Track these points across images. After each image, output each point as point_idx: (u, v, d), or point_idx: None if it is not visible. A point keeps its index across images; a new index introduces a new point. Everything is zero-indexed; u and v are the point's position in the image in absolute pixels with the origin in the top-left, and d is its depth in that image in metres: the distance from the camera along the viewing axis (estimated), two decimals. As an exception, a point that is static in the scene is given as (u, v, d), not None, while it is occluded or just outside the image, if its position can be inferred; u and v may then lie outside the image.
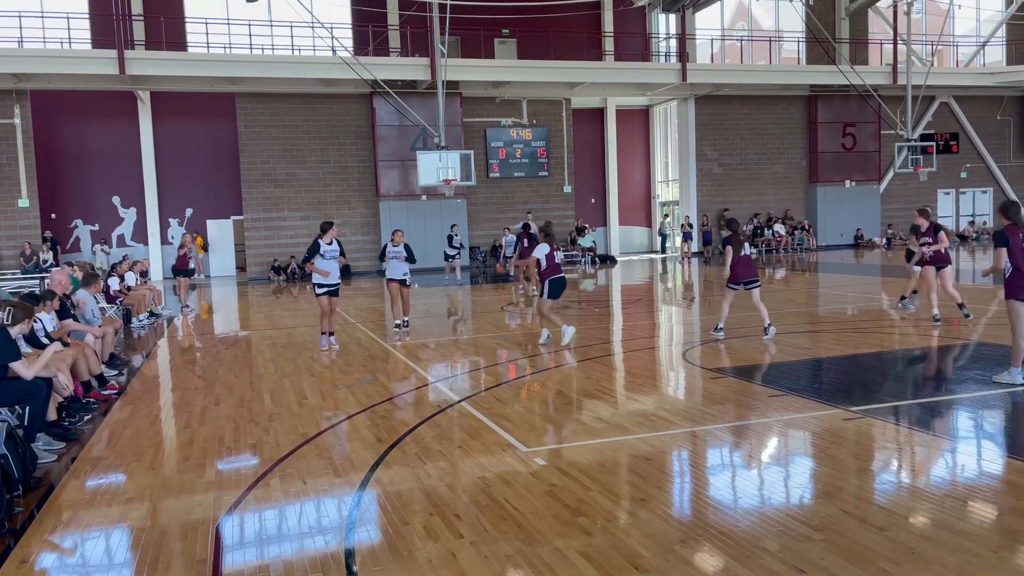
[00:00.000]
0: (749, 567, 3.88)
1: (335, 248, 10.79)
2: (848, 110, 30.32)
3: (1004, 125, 33.19)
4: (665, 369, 9.37)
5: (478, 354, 10.47)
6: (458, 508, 4.85)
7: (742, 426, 6.44)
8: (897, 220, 31.85)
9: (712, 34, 29.72)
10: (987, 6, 32.69)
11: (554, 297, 10.47)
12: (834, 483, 5.06)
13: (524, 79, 25.70)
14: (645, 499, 4.88)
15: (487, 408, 7.32)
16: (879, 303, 14.20)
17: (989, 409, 6.80)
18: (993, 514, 4.47)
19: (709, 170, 30.00)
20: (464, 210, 26.90)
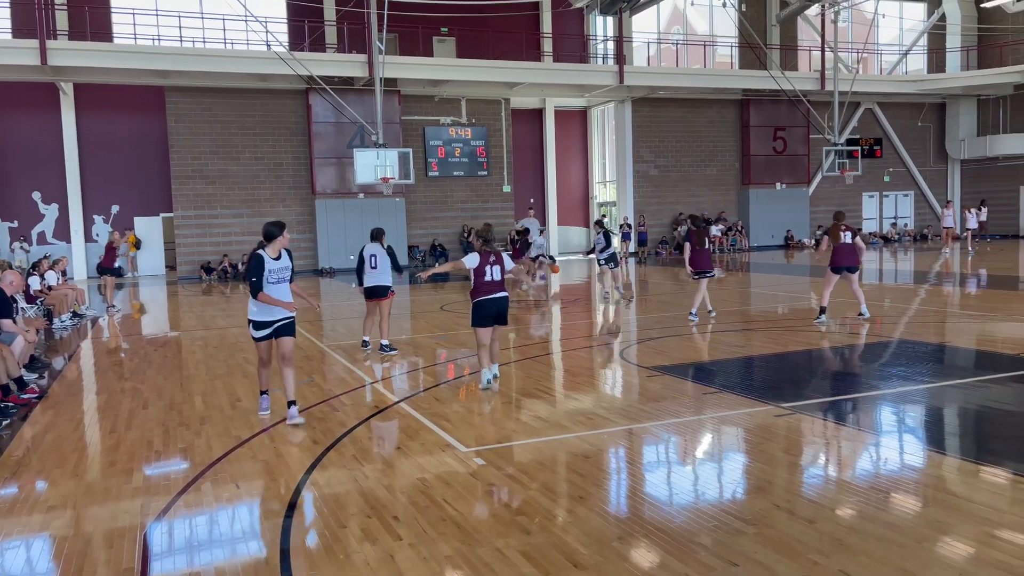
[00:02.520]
0: (685, 562, 3.94)
1: (286, 265, 6.90)
2: (778, 114, 31.16)
3: (925, 131, 34.60)
4: (603, 368, 9.46)
5: (417, 354, 10.39)
6: (396, 510, 4.80)
7: (677, 423, 6.54)
8: (825, 222, 32.85)
9: (648, 37, 30.18)
10: (910, 16, 34.03)
11: (479, 325, 7.80)
12: (766, 478, 5.19)
13: (463, 78, 25.65)
14: (584, 497, 4.92)
15: (426, 408, 7.27)
16: (808, 302, 14.63)
17: (911, 404, 7.07)
18: (916, 505, 4.64)
19: (645, 171, 30.45)
20: (403, 209, 26.70)
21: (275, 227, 6.88)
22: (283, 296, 6.86)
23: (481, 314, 7.83)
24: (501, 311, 7.89)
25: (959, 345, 9.91)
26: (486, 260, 7.82)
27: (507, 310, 7.96)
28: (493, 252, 7.93)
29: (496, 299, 7.82)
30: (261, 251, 6.79)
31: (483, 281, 7.80)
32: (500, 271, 7.86)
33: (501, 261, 7.91)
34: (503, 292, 7.84)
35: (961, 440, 6.26)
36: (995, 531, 4.17)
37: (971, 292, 15.73)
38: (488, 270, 7.79)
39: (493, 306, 7.82)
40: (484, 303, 7.80)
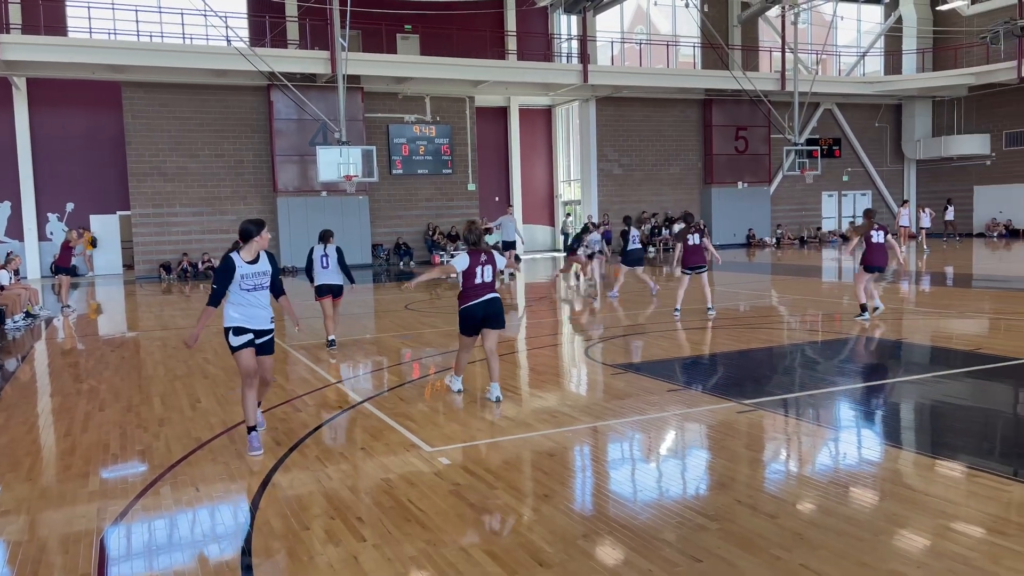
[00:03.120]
0: (649, 558, 3.96)
1: (264, 269, 5.99)
2: (740, 114, 31.55)
3: (882, 131, 35.30)
4: (568, 366, 9.49)
5: (381, 354, 10.33)
6: (360, 511, 4.76)
7: (642, 420, 6.58)
8: (786, 221, 33.38)
9: (612, 37, 30.34)
10: (867, 18, 34.69)
11: (465, 332, 7.31)
12: (728, 474, 5.25)
13: (427, 75, 25.53)
14: (549, 495, 4.92)
15: (390, 408, 7.22)
16: (768, 300, 14.84)
17: (869, 400, 7.21)
18: (874, 499, 4.73)
19: (609, 170, 30.62)
20: (366, 207, 26.51)
21: (253, 225, 5.94)
22: (259, 307, 5.97)
23: (468, 322, 7.22)
24: (491, 314, 7.20)
25: (915, 342, 10.13)
26: (476, 260, 7.14)
27: (501, 312, 7.28)
28: (483, 251, 7.23)
29: (486, 302, 7.18)
30: (233, 253, 5.90)
31: (472, 284, 7.15)
32: (492, 271, 7.22)
33: (493, 260, 7.25)
34: (493, 294, 7.23)
35: (917, 435, 6.39)
36: (950, 523, 4.27)
37: (926, 290, 16.09)
38: (479, 271, 7.14)
39: (481, 310, 7.16)
40: (472, 309, 7.16)
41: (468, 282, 7.14)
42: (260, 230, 5.95)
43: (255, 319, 5.96)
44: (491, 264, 7.22)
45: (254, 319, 5.95)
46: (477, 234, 7.35)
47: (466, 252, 7.20)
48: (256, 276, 5.93)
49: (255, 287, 5.94)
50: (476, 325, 7.22)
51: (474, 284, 7.14)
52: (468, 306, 7.18)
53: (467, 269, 7.11)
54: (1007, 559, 3.79)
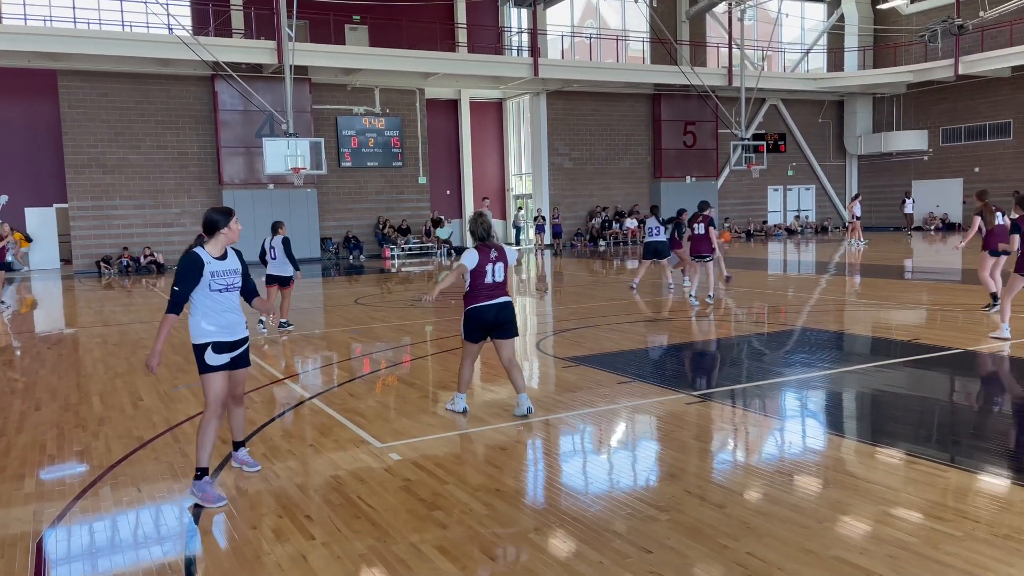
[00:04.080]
0: (600, 550, 3.98)
1: (234, 267, 5.05)
2: (689, 109, 31.94)
3: (825, 127, 36.13)
4: (520, 359, 9.49)
5: (331, 349, 10.20)
6: (309, 509, 4.68)
7: (593, 413, 6.62)
8: (733, 214, 33.95)
9: (562, 30, 30.41)
10: (811, 16, 35.42)
11: (471, 338, 6.46)
12: (677, 465, 5.31)
13: (376, 67, 25.27)
14: (500, 489, 4.91)
15: (340, 404, 7.13)
16: (717, 292, 15.05)
17: (813, 390, 7.37)
18: (818, 487, 4.83)
19: (560, 164, 30.73)
20: (315, 200, 26.15)
21: (220, 215, 4.94)
22: (233, 312, 5.03)
23: (475, 325, 6.37)
24: (502, 320, 6.36)
25: (857, 332, 10.39)
26: (487, 258, 6.31)
27: (513, 318, 6.45)
28: (494, 246, 6.39)
29: (496, 305, 6.33)
30: (198, 248, 4.93)
31: (482, 283, 6.32)
32: (503, 270, 6.40)
33: (504, 257, 6.41)
34: (505, 297, 6.39)
35: (859, 423, 6.56)
36: (891, 510, 4.38)
37: (870, 281, 16.52)
38: (490, 269, 6.31)
39: (491, 313, 6.33)
40: (480, 311, 6.32)
41: (477, 281, 6.31)
42: (229, 220, 4.95)
43: (233, 328, 5.02)
44: (503, 261, 6.40)
45: (232, 329, 5.01)
46: (486, 228, 6.48)
47: (474, 248, 6.36)
48: (227, 275, 4.98)
49: (226, 287, 4.97)
50: (485, 329, 6.38)
51: (484, 283, 6.31)
52: (476, 307, 6.33)
53: (476, 267, 6.28)
54: (945, 544, 3.91)
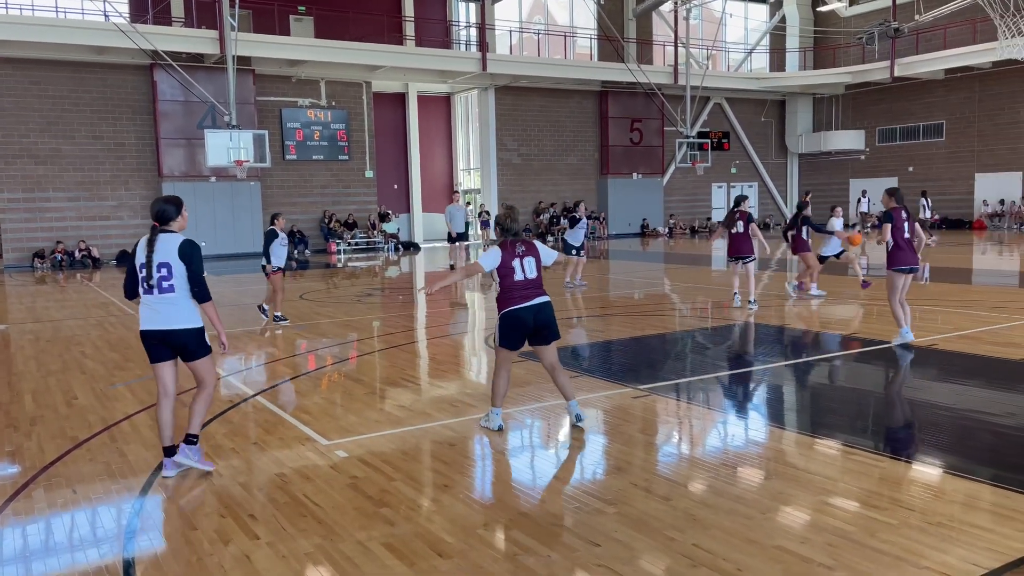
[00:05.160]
0: (549, 544, 4.00)
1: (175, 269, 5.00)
2: (635, 107, 32.26)
3: (767, 126, 36.89)
4: (468, 354, 9.48)
5: (275, 345, 10.02)
6: (253, 508, 4.59)
7: (541, 407, 6.64)
8: (678, 211, 34.44)
9: (511, 25, 30.40)
10: (754, 17, 36.10)
11: (508, 345, 5.85)
12: (624, 458, 5.36)
13: (322, 59, 24.88)
14: (449, 485, 4.89)
15: (284, 401, 7.01)
16: (662, 288, 15.27)
17: (755, 383, 7.52)
18: (760, 478, 4.94)
19: (509, 160, 30.74)
20: (258, 193, 25.65)
21: (170, 205, 5.06)
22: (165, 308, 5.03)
23: (514, 330, 5.75)
24: (541, 323, 5.76)
25: (797, 327, 10.64)
26: (512, 253, 5.73)
27: (553, 320, 5.85)
28: (521, 242, 5.82)
29: (534, 307, 5.71)
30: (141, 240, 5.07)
31: (512, 283, 5.73)
32: (535, 265, 5.78)
33: (534, 251, 5.82)
34: (543, 296, 5.79)
35: (799, 415, 6.71)
36: (829, 499, 4.50)
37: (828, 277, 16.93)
38: (517, 265, 5.71)
39: (530, 316, 5.72)
40: (518, 314, 5.71)
41: (507, 281, 5.75)
42: (180, 210, 5.10)
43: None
44: (532, 256, 5.81)
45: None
46: (517, 223, 5.94)
47: (497, 246, 5.82)
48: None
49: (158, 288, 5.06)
50: (523, 335, 5.79)
51: (515, 283, 5.73)
52: (513, 310, 5.72)
53: (501, 265, 5.73)
54: (881, 532, 4.03)
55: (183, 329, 5.01)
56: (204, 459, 5.22)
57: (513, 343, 5.82)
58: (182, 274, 4.97)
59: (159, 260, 4.95)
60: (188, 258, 4.97)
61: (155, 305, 4.99)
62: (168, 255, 4.96)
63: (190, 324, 5.03)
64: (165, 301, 4.98)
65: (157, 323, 5.00)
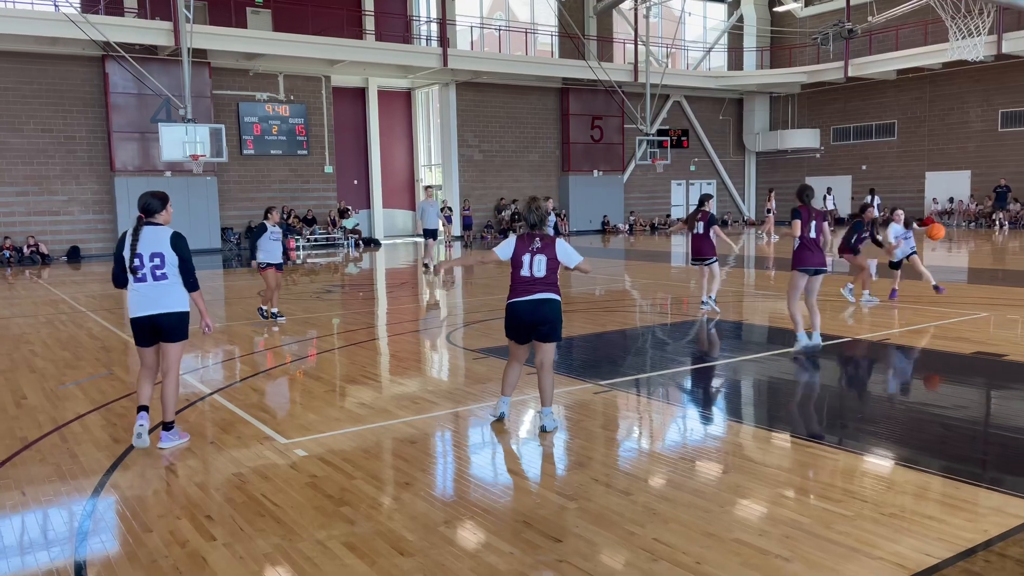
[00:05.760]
0: (510, 541, 4.00)
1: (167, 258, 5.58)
2: (596, 104, 32.42)
3: (726, 124, 37.35)
4: (429, 351, 9.44)
5: (232, 343, 9.86)
6: (209, 508, 4.51)
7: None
8: (639, 208, 34.70)
9: (472, 21, 30.31)
10: (713, 16, 36.51)
11: (509, 336, 5.93)
12: (586, 453, 5.38)
13: (280, 53, 24.53)
14: (410, 483, 4.86)
15: (242, 400, 6.91)
16: (623, 284, 15.37)
17: (714, 378, 7.62)
18: (719, 472, 5.00)
19: (470, 156, 30.67)
20: (215, 188, 25.21)
21: (156, 199, 5.59)
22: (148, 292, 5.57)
23: (509, 322, 5.82)
24: (538, 320, 5.70)
25: (754, 323, 10.80)
26: (524, 248, 5.71)
27: (554, 319, 5.75)
28: (540, 236, 5.76)
29: (531, 302, 5.68)
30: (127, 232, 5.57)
31: (518, 276, 5.74)
32: (546, 264, 5.70)
33: (549, 250, 5.71)
34: (545, 293, 5.70)
35: (756, 409, 6.82)
36: (786, 492, 4.57)
37: (767, 273, 17.21)
38: (527, 261, 5.68)
39: (525, 311, 5.70)
40: (514, 307, 5.75)
41: (514, 274, 5.78)
42: (165, 205, 5.67)
43: None
44: (545, 254, 5.70)
45: None
46: (540, 216, 5.83)
47: (515, 237, 5.83)
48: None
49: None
50: (520, 329, 5.80)
51: (520, 276, 5.73)
52: (511, 302, 5.77)
53: (512, 257, 5.74)
54: (836, 523, 4.11)
55: (172, 312, 5.53)
56: (181, 433, 5.73)
57: (511, 334, 5.87)
58: (174, 263, 5.52)
59: (152, 250, 5.46)
60: (180, 249, 5.54)
61: (148, 292, 5.49)
62: (160, 246, 5.48)
63: (179, 308, 5.57)
64: (159, 288, 5.50)
65: (149, 309, 5.50)
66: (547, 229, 6.05)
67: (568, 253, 5.79)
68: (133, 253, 5.43)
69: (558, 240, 5.83)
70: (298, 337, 10.07)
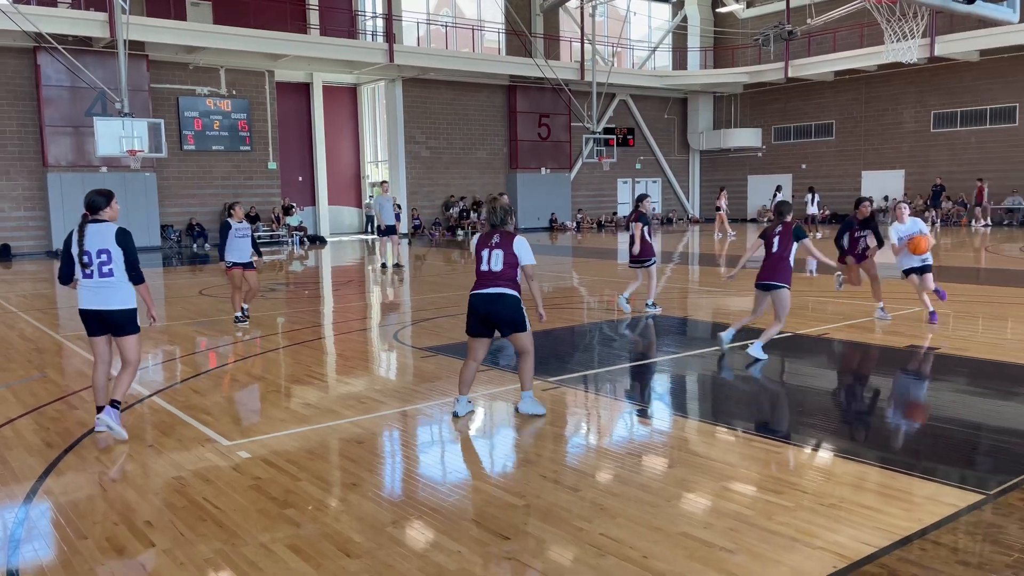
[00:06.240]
0: (458, 540, 3.98)
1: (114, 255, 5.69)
2: (543, 102, 32.52)
3: (670, 123, 37.85)
4: (377, 350, 9.35)
5: (172, 343, 9.62)
6: (148, 514, 4.39)
7: (451, 402, 6.60)
8: (586, 205, 34.94)
9: (418, 17, 30.10)
10: (657, 16, 36.95)
11: (467, 330, 6.10)
12: (534, 450, 5.40)
13: (221, 46, 23.98)
14: (356, 483, 4.81)
15: (183, 401, 6.74)
16: (570, 281, 15.46)
17: (660, 374, 7.71)
18: (665, 466, 5.06)
19: (418, 152, 30.47)
20: (154, 185, 24.55)
21: (101, 196, 5.68)
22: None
23: (469, 316, 5.99)
24: (492, 314, 5.85)
25: (699, 318, 10.97)
26: (484, 243, 5.94)
27: (506, 313, 5.85)
28: (500, 232, 5.94)
29: (485, 296, 5.84)
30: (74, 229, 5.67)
31: (478, 270, 5.94)
32: (502, 259, 5.83)
33: (506, 246, 5.86)
34: (498, 288, 5.82)
35: (701, 404, 6.92)
36: (730, 485, 4.65)
37: (712, 270, 17.49)
38: (485, 255, 5.89)
39: (481, 304, 5.86)
40: (472, 299, 5.92)
41: (476, 268, 5.98)
42: (110, 201, 5.74)
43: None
44: (502, 249, 5.85)
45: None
46: (501, 214, 6.01)
47: (481, 233, 6.11)
48: None
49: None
50: (476, 321, 5.94)
51: (479, 270, 5.94)
52: (470, 295, 5.93)
53: (475, 252, 6.02)
54: (779, 515, 4.20)
55: (119, 310, 5.65)
56: (122, 427, 5.69)
57: (469, 328, 6.06)
58: (120, 259, 5.61)
59: (98, 247, 5.57)
60: (125, 245, 5.64)
61: (94, 288, 5.62)
62: (106, 242, 5.58)
63: (125, 305, 5.68)
64: (105, 285, 5.61)
65: (96, 303, 5.63)
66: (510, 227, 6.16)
67: (524, 250, 5.91)
68: (81, 250, 5.58)
69: (516, 237, 5.96)
70: (242, 337, 9.87)
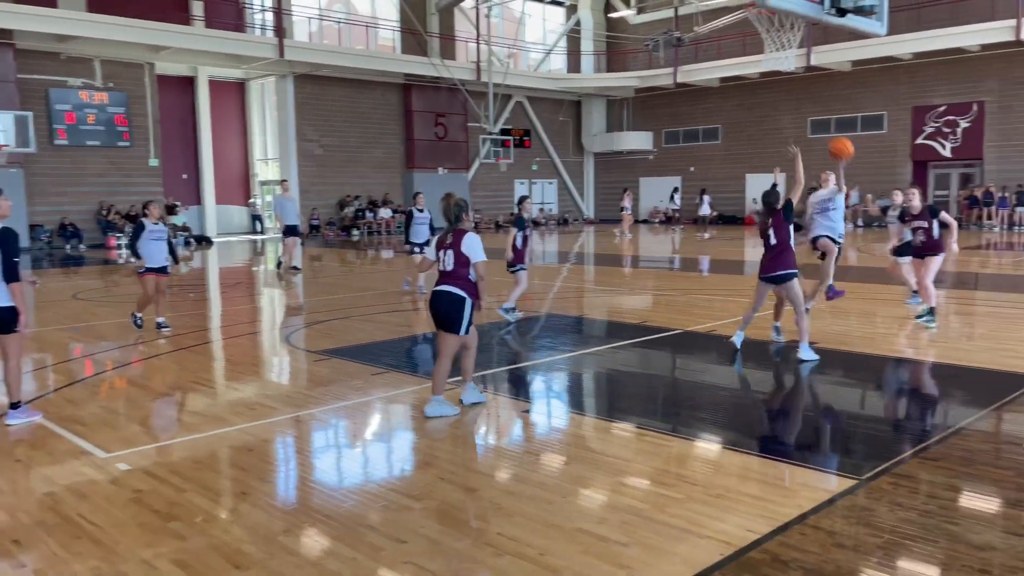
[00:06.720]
0: (353, 545, 3.90)
1: None
2: (440, 101, 32.40)
3: (565, 125, 38.45)
4: (267, 354, 9.06)
5: (43, 350, 9.01)
6: (17, 533, 4.09)
7: (346, 406, 6.47)
8: (483, 206, 35.03)
9: (310, 12, 29.40)
10: (552, 18, 37.46)
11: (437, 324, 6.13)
12: (432, 452, 5.36)
13: (96, 35, 22.69)
14: (247, 492, 4.64)
15: (55, 412, 6.32)
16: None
17: (556, 372, 7.81)
18: (561, 463, 5.12)
19: (310, 151, 29.76)
20: (21, 181, 22.96)
21: None
22: None
23: (432, 310, 6.08)
24: (436, 311, 6.00)
25: (594, 317, 11.19)
26: (441, 243, 6.08)
27: (446, 312, 5.94)
28: (453, 231, 6.03)
29: (436, 293, 6.01)
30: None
31: (437, 269, 6.12)
32: (453, 258, 5.96)
33: (455, 245, 5.97)
34: (444, 286, 5.95)
35: (596, 401, 7.06)
36: (624, 479, 4.76)
37: (608, 270, 17.88)
38: (441, 256, 6.04)
39: (432, 302, 6.04)
40: (430, 297, 6.11)
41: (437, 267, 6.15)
42: None
43: None
44: (453, 249, 5.97)
45: None
46: (456, 211, 6.07)
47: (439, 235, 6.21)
48: None
49: None
50: (432, 317, 6.11)
51: (438, 271, 6.09)
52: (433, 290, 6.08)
53: (435, 251, 6.15)
54: (670, 507, 4.32)
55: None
56: (31, 411, 6.03)
57: (436, 321, 6.09)
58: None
59: None
60: (5, 244, 5.72)
61: None
62: None
63: (2, 303, 5.78)
64: None
65: None
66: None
67: (473, 247, 5.96)
68: None
69: (467, 235, 6.00)
70: (119, 343, 9.36)
